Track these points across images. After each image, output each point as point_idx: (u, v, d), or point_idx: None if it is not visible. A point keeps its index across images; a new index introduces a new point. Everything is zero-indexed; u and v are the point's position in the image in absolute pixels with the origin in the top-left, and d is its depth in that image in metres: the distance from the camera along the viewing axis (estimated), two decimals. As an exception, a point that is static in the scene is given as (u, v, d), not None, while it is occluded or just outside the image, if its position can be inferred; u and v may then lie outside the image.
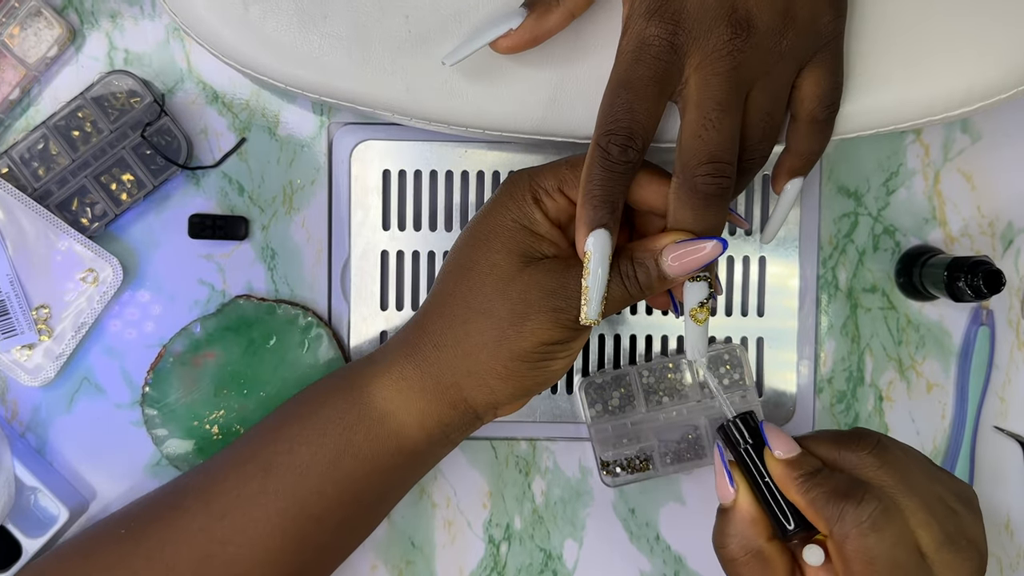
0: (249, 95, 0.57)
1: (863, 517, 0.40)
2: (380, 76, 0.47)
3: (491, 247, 0.46)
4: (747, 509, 0.44)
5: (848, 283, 0.59)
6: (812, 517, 0.42)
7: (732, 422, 0.45)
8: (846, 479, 0.42)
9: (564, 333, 0.45)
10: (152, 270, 0.57)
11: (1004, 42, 0.47)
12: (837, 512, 0.41)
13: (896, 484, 0.41)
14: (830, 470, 0.42)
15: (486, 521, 0.59)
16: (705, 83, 0.42)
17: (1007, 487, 0.59)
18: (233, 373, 0.55)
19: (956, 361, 0.59)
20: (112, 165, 0.55)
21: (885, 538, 0.40)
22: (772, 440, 0.43)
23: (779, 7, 0.42)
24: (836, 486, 0.41)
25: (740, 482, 0.44)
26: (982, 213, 0.59)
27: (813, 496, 0.41)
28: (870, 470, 0.42)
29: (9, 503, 0.54)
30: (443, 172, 0.57)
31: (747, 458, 0.44)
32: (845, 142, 0.54)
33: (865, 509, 0.40)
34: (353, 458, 0.47)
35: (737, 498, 0.44)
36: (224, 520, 0.47)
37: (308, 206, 0.57)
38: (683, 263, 0.43)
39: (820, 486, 0.41)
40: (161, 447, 0.56)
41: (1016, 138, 0.58)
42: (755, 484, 0.44)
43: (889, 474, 0.41)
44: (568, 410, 0.58)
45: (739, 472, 0.44)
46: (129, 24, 0.56)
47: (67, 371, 0.57)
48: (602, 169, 0.42)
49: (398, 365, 0.48)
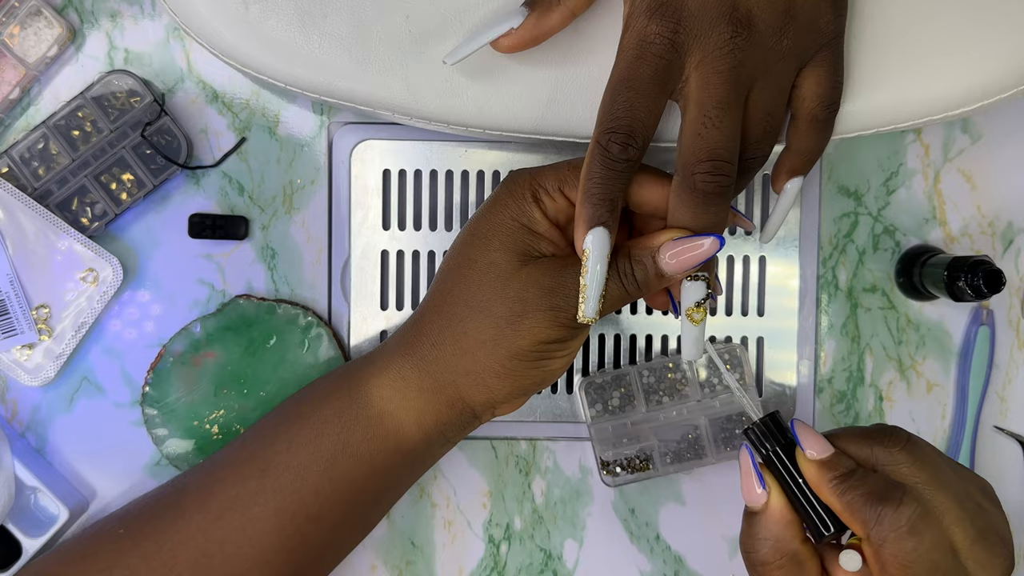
0: (249, 95, 0.57)
1: (902, 521, 0.39)
2: (380, 75, 0.47)
3: (490, 245, 0.46)
4: (780, 511, 0.43)
5: (848, 283, 0.59)
6: (848, 520, 0.41)
7: (762, 421, 0.43)
8: (882, 481, 0.41)
9: (562, 332, 0.45)
10: (152, 270, 0.57)
11: (1004, 42, 0.47)
12: (875, 515, 0.40)
13: (929, 481, 0.40)
14: (864, 470, 0.42)
15: (486, 521, 0.59)
16: (706, 82, 0.42)
17: (1007, 487, 0.59)
18: (233, 373, 0.55)
19: (956, 361, 0.59)
20: (112, 165, 0.55)
21: (923, 541, 0.39)
22: (805, 440, 0.42)
23: (780, 6, 0.42)
24: (873, 488, 0.40)
25: (772, 484, 0.43)
26: (982, 213, 0.59)
27: (850, 499, 0.41)
28: (904, 467, 0.41)
29: (9, 503, 0.54)
30: (443, 172, 0.57)
31: (776, 459, 0.43)
32: (845, 142, 0.54)
33: (904, 513, 0.39)
34: (351, 458, 0.47)
35: (769, 501, 0.43)
36: (222, 520, 0.47)
37: (308, 206, 0.57)
38: (680, 260, 0.43)
39: (856, 488, 0.41)
40: (161, 447, 0.56)
41: (1016, 138, 0.58)
42: (786, 486, 0.43)
43: (923, 471, 0.41)
44: (568, 410, 0.58)
45: (770, 474, 0.43)
46: (129, 24, 0.56)
47: (67, 371, 0.57)
48: (602, 167, 0.42)
49: (396, 364, 0.48)
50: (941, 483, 0.41)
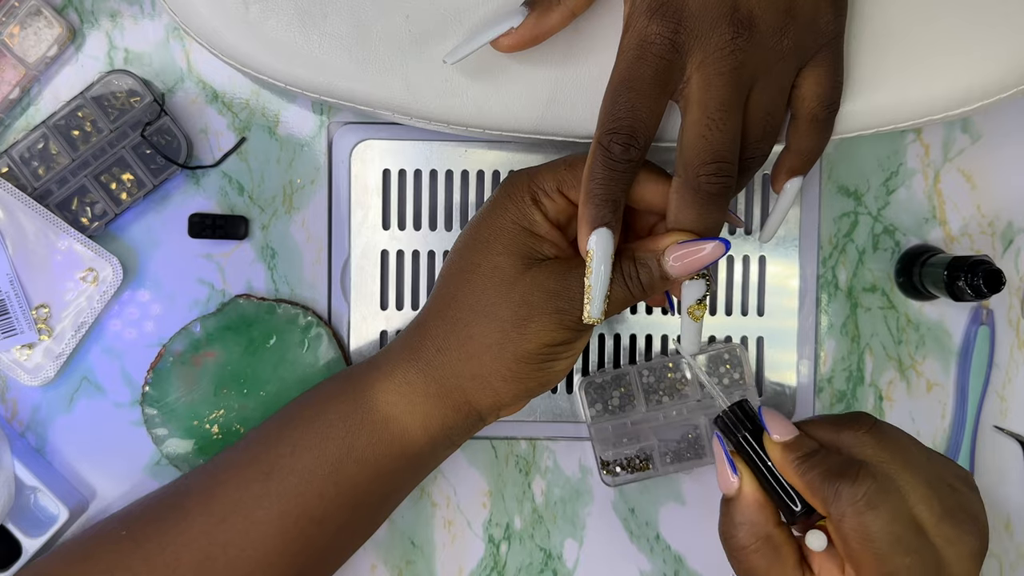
0: (249, 95, 0.56)
1: (859, 495, 0.40)
2: (380, 75, 0.47)
3: (492, 249, 0.46)
4: (752, 495, 0.44)
5: (848, 283, 0.59)
6: (810, 498, 0.42)
7: (730, 409, 0.45)
8: (841, 459, 0.42)
9: (567, 334, 0.45)
10: (152, 270, 0.57)
11: (1004, 41, 0.47)
12: (833, 491, 0.41)
13: (893, 460, 0.41)
14: (826, 451, 0.42)
15: (486, 521, 0.59)
16: (707, 82, 0.42)
17: (1007, 486, 0.59)
18: (233, 372, 0.55)
19: (956, 361, 0.59)
20: (112, 164, 0.55)
21: (881, 514, 0.40)
22: (770, 424, 0.44)
23: (780, 6, 0.42)
24: (831, 466, 0.41)
25: (743, 470, 0.44)
26: (982, 213, 0.59)
27: (810, 477, 0.42)
28: (868, 448, 0.42)
29: (9, 503, 0.54)
30: (443, 172, 0.57)
31: (746, 445, 0.44)
32: (845, 141, 0.54)
33: (860, 487, 0.40)
34: (356, 462, 0.47)
35: (741, 486, 0.44)
36: (226, 522, 0.47)
37: (308, 206, 0.57)
38: (685, 263, 0.43)
39: (816, 467, 0.42)
40: (161, 447, 0.56)
41: (1016, 138, 0.58)
42: (757, 471, 0.44)
43: (887, 451, 0.42)
44: (568, 410, 0.58)
45: (741, 460, 0.44)
46: (129, 23, 0.56)
47: (67, 371, 0.57)
48: (604, 168, 0.42)
49: (401, 369, 0.47)
50: (907, 462, 0.41)
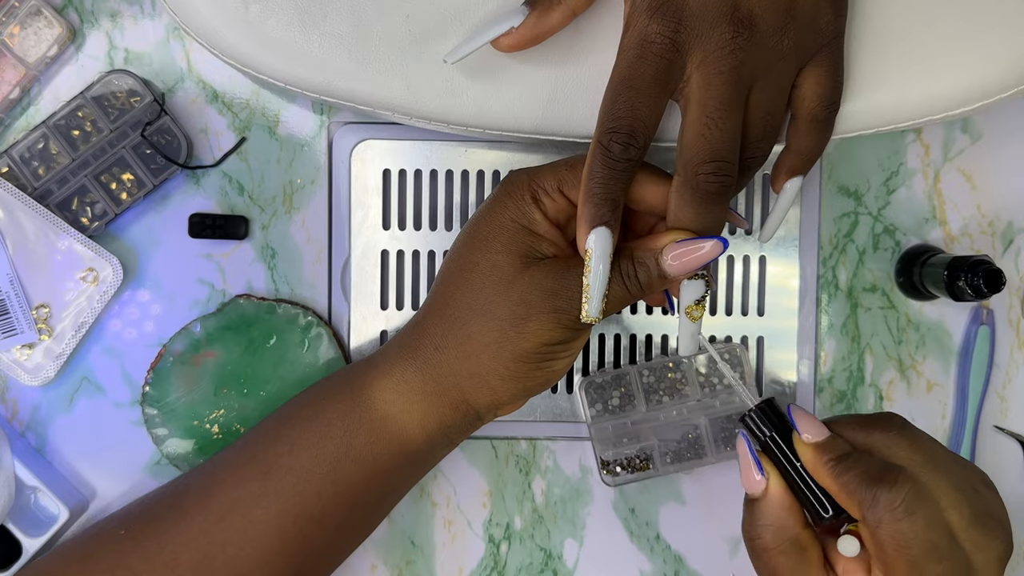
0: (249, 94, 0.56)
1: (897, 501, 0.39)
2: (380, 75, 0.47)
3: (491, 248, 0.46)
4: (780, 497, 0.43)
5: (848, 282, 0.59)
6: (844, 502, 0.41)
7: (758, 408, 0.44)
8: (878, 462, 0.41)
9: (565, 333, 0.45)
10: (152, 269, 0.57)
11: (1004, 41, 0.47)
12: (871, 496, 0.40)
13: (925, 463, 0.40)
14: (859, 453, 0.42)
15: (486, 521, 0.59)
16: (708, 82, 0.42)
17: (1007, 486, 0.59)
18: (233, 372, 0.55)
19: (956, 360, 0.59)
20: (112, 164, 0.55)
21: (918, 521, 0.39)
22: (801, 424, 0.43)
23: (781, 6, 0.42)
24: (868, 469, 0.40)
25: (770, 470, 0.43)
26: (982, 212, 0.59)
27: (845, 480, 0.41)
28: (902, 451, 0.41)
29: (9, 502, 0.54)
30: (443, 172, 0.57)
31: (773, 445, 0.43)
32: (845, 141, 0.54)
33: (899, 493, 0.39)
34: (354, 461, 0.47)
35: (768, 487, 0.43)
36: (224, 522, 0.47)
37: (308, 206, 0.57)
38: (683, 262, 0.43)
39: (851, 469, 0.41)
40: (161, 446, 0.56)
41: (1016, 138, 0.58)
42: (784, 471, 0.43)
43: (919, 453, 0.41)
44: (568, 409, 0.58)
45: (767, 460, 0.43)
46: (129, 23, 0.56)
47: (67, 370, 0.57)
48: (603, 167, 0.42)
49: (399, 368, 0.47)
50: (937, 465, 0.41)
